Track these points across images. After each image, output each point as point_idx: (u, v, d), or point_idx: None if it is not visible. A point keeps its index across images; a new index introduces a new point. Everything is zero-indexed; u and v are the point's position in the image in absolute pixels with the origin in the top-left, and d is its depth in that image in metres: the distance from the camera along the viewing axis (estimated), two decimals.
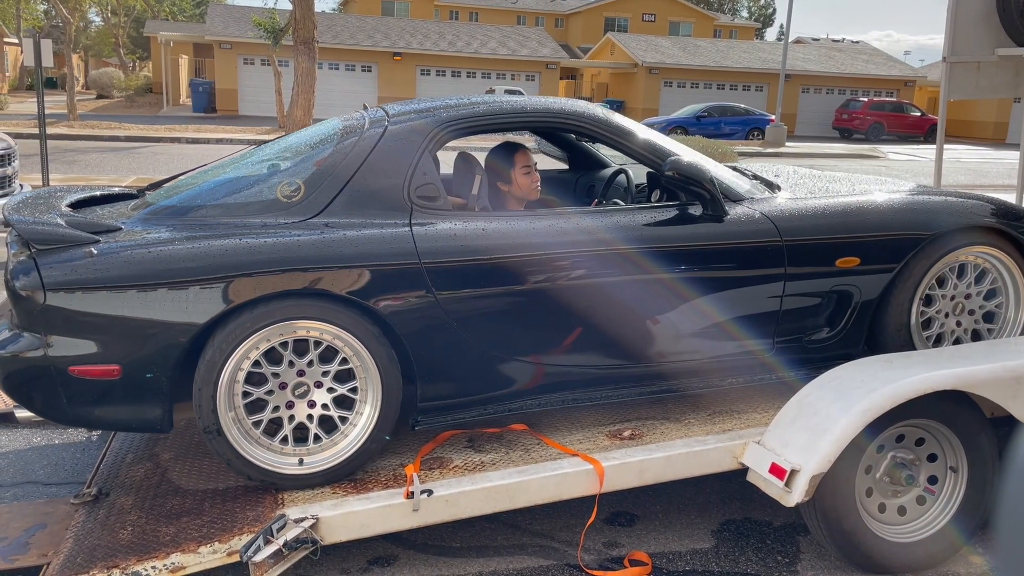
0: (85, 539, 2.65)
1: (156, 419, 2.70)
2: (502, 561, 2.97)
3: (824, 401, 2.81)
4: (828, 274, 3.20)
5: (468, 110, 3.11)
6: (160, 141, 18.68)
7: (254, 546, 2.49)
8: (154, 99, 35.28)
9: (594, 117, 3.21)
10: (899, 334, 3.30)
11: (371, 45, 32.80)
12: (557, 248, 2.91)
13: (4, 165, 6.57)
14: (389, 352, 2.76)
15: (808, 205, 3.25)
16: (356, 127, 3.07)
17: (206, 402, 2.64)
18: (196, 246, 2.65)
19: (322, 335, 2.71)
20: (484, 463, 2.87)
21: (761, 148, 24.33)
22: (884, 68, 38.75)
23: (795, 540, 3.15)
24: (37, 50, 10.29)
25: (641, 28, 46.42)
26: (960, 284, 3.39)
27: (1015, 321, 3.50)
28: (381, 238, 2.78)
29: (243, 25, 29.35)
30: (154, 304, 2.59)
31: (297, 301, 2.67)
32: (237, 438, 2.69)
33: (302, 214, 2.82)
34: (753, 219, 3.14)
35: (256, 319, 2.63)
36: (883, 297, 3.28)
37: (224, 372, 2.64)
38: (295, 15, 16.92)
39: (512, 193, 3.43)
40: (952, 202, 3.37)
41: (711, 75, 36.51)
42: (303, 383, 2.75)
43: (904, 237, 3.24)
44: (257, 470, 2.73)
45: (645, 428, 3.11)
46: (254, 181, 3.07)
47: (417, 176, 2.92)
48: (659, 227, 3.04)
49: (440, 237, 2.83)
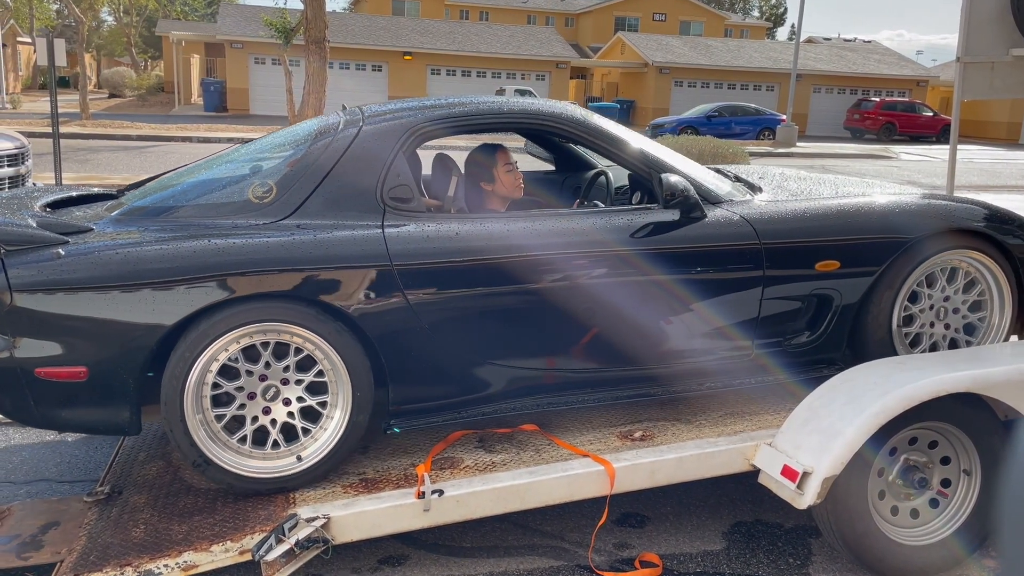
0: (98, 537, 2.67)
1: (124, 421, 2.69)
2: (513, 561, 2.97)
3: (836, 403, 2.80)
4: (807, 277, 3.17)
5: (444, 111, 3.09)
6: (172, 140, 18.76)
7: (266, 545, 2.50)
8: (166, 98, 35.43)
9: (572, 119, 3.17)
10: (880, 338, 3.26)
11: (381, 45, 32.85)
12: (531, 251, 2.88)
13: (17, 164, 6.61)
14: (360, 355, 2.74)
15: (787, 208, 3.22)
16: (331, 128, 3.05)
17: (174, 405, 2.62)
18: (163, 248, 2.63)
19: (292, 338, 2.69)
20: (495, 463, 2.87)
21: (772, 148, 24.25)
22: (896, 68, 38.56)
23: (807, 542, 3.14)
24: (50, 49, 10.34)
25: (652, 28, 46.30)
26: (943, 288, 3.34)
27: (999, 327, 3.44)
28: (352, 240, 2.75)
29: (254, 25, 29.43)
30: (121, 306, 2.58)
31: (266, 304, 2.65)
32: (204, 440, 2.68)
33: (273, 215, 2.80)
34: (731, 222, 3.10)
35: (225, 321, 2.62)
36: (864, 300, 3.24)
37: (192, 374, 2.62)
38: (306, 15, 16.95)
39: (496, 192, 3.40)
40: (935, 205, 3.32)
41: (722, 75, 36.40)
42: (272, 386, 2.73)
43: (885, 240, 3.19)
44: (221, 471, 2.71)
45: (656, 429, 3.11)
46: (228, 182, 3.06)
47: (391, 177, 2.89)
48: (635, 229, 3.01)
49: (412, 239, 2.80)
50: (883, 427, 2.69)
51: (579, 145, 3.37)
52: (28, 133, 12.65)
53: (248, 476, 2.73)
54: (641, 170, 3.17)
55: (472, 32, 36.41)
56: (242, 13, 33.86)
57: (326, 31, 16.95)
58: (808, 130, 35.57)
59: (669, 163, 3.20)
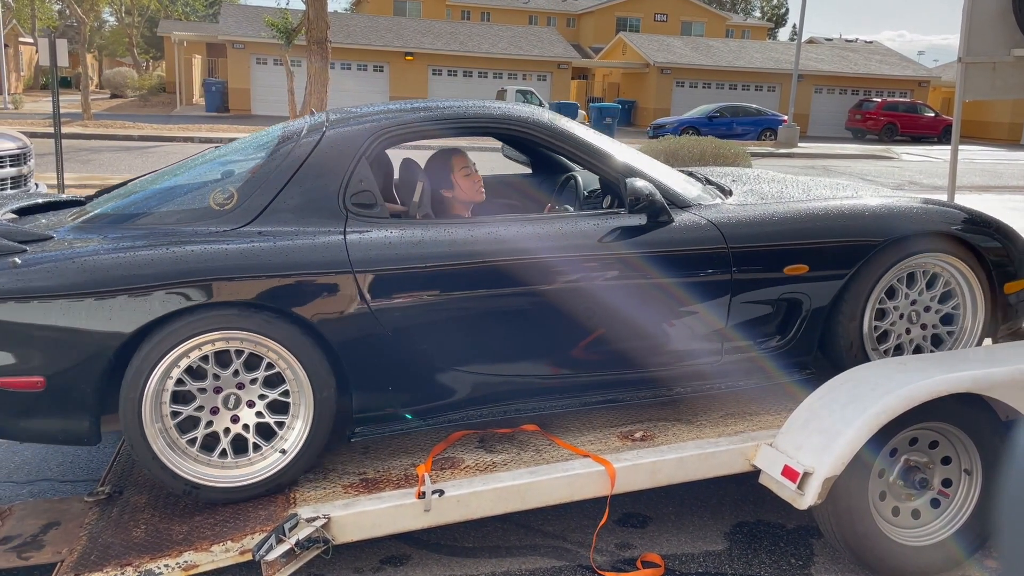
0: (99, 537, 2.67)
1: (83, 431, 2.68)
2: (514, 562, 2.97)
3: (837, 404, 2.80)
4: (776, 281, 3.14)
5: (407, 116, 3.07)
6: (173, 140, 18.77)
7: (266, 545, 2.50)
8: (167, 98, 35.46)
9: (537, 123, 3.14)
10: (851, 342, 3.24)
11: (383, 45, 32.86)
12: (494, 256, 2.86)
13: (19, 164, 6.61)
14: (322, 363, 2.72)
15: (755, 211, 3.20)
16: (294, 134, 3.04)
17: (131, 413, 2.61)
18: (120, 256, 2.62)
19: (256, 347, 2.68)
20: (495, 463, 2.87)
21: (773, 149, 24.24)
22: (898, 68, 38.53)
23: (808, 543, 3.14)
24: (52, 50, 10.35)
25: (653, 28, 46.31)
26: (912, 292, 3.31)
27: (972, 330, 3.41)
28: (312, 247, 2.73)
29: (256, 25, 29.45)
30: (78, 315, 2.56)
31: (225, 312, 2.63)
32: (163, 449, 2.66)
33: (234, 222, 2.78)
34: (698, 226, 3.08)
35: (183, 330, 2.60)
36: (835, 304, 3.21)
37: (150, 384, 2.60)
38: (308, 15, 16.96)
39: (457, 198, 3.38)
40: (906, 208, 3.30)
41: (723, 75, 36.40)
42: (231, 396, 2.71)
43: (855, 244, 3.17)
44: (181, 481, 2.69)
45: (657, 430, 3.11)
46: (191, 189, 3.05)
47: (353, 183, 2.87)
48: (601, 234, 2.99)
49: (374, 245, 2.78)
50: (884, 427, 2.69)
51: (546, 150, 3.34)
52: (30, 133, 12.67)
53: (204, 484, 2.71)
54: (608, 174, 3.15)
55: (474, 32, 36.42)
56: (244, 13, 33.88)
57: (328, 31, 16.96)
58: (809, 131, 35.55)
59: (636, 167, 3.17)
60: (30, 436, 2.71)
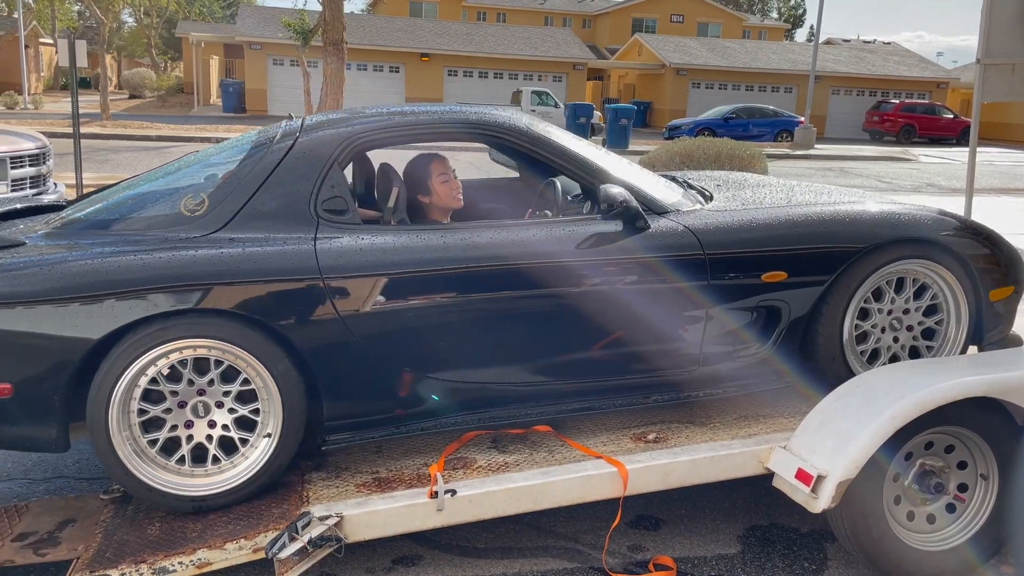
0: (114, 534, 2.69)
1: (51, 439, 2.67)
2: (526, 563, 2.97)
3: (852, 407, 2.78)
4: (754, 288, 3.10)
5: (382, 121, 3.05)
6: (191, 141, 18.89)
7: (279, 543, 2.51)
8: (185, 99, 35.71)
9: (514, 128, 3.11)
10: (831, 349, 3.19)
11: (399, 46, 32.96)
12: (466, 263, 2.84)
13: (39, 164, 6.67)
14: (291, 371, 2.71)
15: (733, 217, 3.16)
16: (267, 139, 3.03)
17: (99, 421, 2.60)
18: (88, 262, 2.61)
19: (224, 355, 2.66)
20: (508, 464, 2.87)
21: (790, 150, 24.12)
22: (916, 70, 38.24)
23: (822, 547, 3.12)
24: (72, 50, 10.45)
25: (669, 29, 46.21)
26: (898, 299, 3.26)
27: (955, 339, 3.35)
28: (281, 254, 2.71)
29: (273, 26, 29.62)
30: (45, 321, 2.56)
31: (192, 319, 2.62)
32: (129, 456, 2.65)
33: (205, 228, 2.77)
34: (675, 232, 3.04)
35: (150, 337, 2.59)
36: (814, 312, 3.17)
37: (117, 392, 2.60)
38: (324, 16, 17.03)
39: (434, 204, 3.34)
40: (888, 214, 3.24)
41: (740, 76, 36.26)
42: (200, 404, 2.70)
43: (834, 250, 3.13)
44: (148, 489, 2.69)
45: (670, 431, 3.10)
46: (165, 194, 3.04)
47: (324, 190, 2.85)
48: (577, 240, 2.96)
49: (344, 252, 2.76)
50: (899, 431, 2.67)
51: (523, 156, 3.31)
52: (49, 133, 12.77)
53: (168, 492, 2.71)
54: (584, 180, 3.13)
55: (489, 33, 36.46)
56: (261, 15, 34.09)
57: (344, 32, 17.02)
58: (826, 132, 35.34)
59: (612, 173, 3.15)
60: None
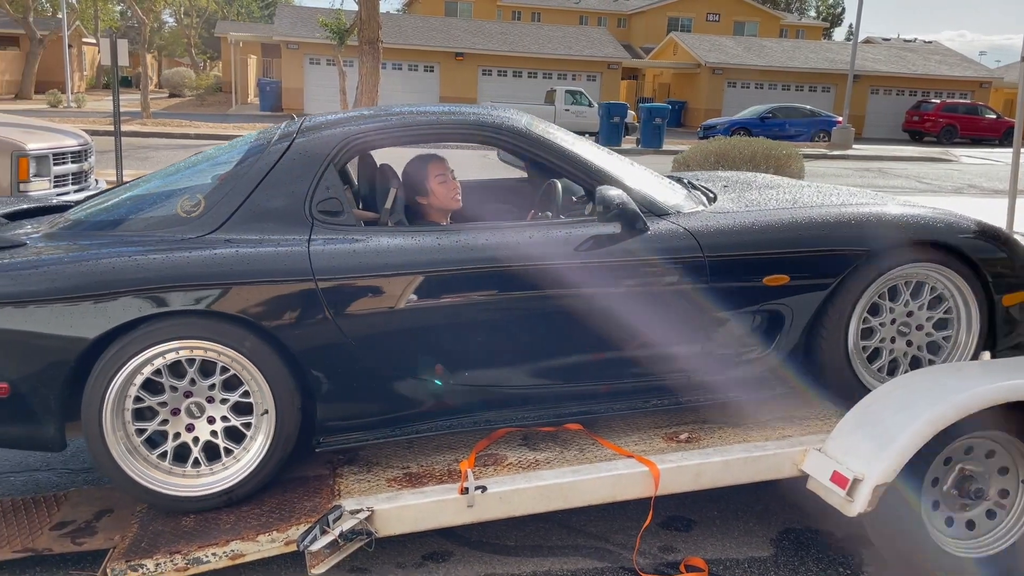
0: (149, 525, 2.73)
1: (47, 438, 2.70)
2: (556, 561, 2.96)
3: (890, 410, 2.73)
4: (755, 291, 3.03)
5: (379, 123, 3.04)
6: (228, 139, 19.13)
7: (311, 536, 2.53)
8: (223, 98, 36.20)
9: (512, 129, 3.08)
10: (836, 354, 3.11)
11: (433, 45, 33.09)
12: (461, 265, 2.81)
13: (80, 161, 6.80)
14: (284, 373, 2.71)
15: (735, 219, 3.10)
16: (266, 141, 3.04)
17: (93, 420, 2.63)
18: (84, 263, 2.64)
19: (219, 356, 2.67)
20: (539, 461, 2.86)
21: (827, 150, 23.79)
22: (958, 69, 37.52)
23: (858, 552, 3.07)
24: (113, 50, 10.64)
25: (705, 28, 45.81)
26: (904, 304, 3.17)
27: (965, 345, 3.25)
28: (275, 255, 2.71)
29: (310, 26, 29.91)
30: (41, 321, 2.59)
31: (185, 320, 2.63)
32: (123, 455, 2.68)
33: (200, 230, 2.79)
34: (675, 235, 2.99)
35: (144, 338, 2.60)
36: (818, 316, 3.10)
37: (111, 391, 2.62)
38: (360, 16, 17.15)
39: (432, 205, 3.33)
40: (895, 216, 3.15)
41: (776, 75, 35.85)
42: (195, 404, 2.72)
43: (838, 253, 3.05)
44: (141, 489, 2.71)
45: (703, 432, 3.07)
46: (165, 196, 3.06)
47: (320, 191, 2.85)
48: (575, 242, 2.92)
49: (337, 254, 2.75)
50: (938, 435, 2.61)
51: (523, 157, 3.28)
52: (91, 131, 13.01)
53: (163, 493, 2.73)
54: (584, 182, 3.10)
55: (524, 33, 36.45)
56: (298, 15, 34.44)
57: (380, 32, 17.12)
58: (865, 132, 34.82)
59: (611, 174, 3.11)
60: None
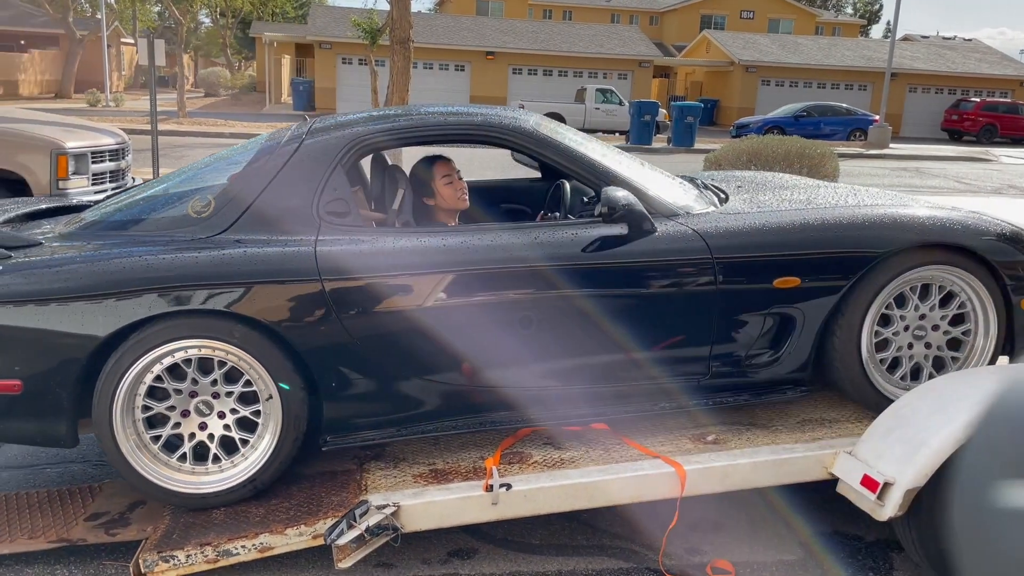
0: (181, 517, 2.78)
1: (60, 435, 2.75)
2: (581, 561, 2.95)
3: (922, 413, 2.69)
4: (765, 294, 2.99)
5: (386, 124, 3.05)
6: None
7: (338, 530, 2.56)
8: (258, 97, 36.62)
9: (519, 130, 3.07)
10: (849, 358, 3.05)
11: (465, 45, 33.16)
12: (466, 266, 2.81)
13: (118, 159, 6.92)
14: (290, 373, 2.73)
15: (744, 221, 3.05)
16: (275, 142, 3.06)
17: (103, 418, 2.67)
18: (96, 263, 2.68)
19: (227, 356, 2.70)
20: (564, 460, 2.86)
21: (863, 149, 23.47)
22: (998, 67, 36.79)
23: (888, 557, 3.02)
24: (151, 50, 10.80)
25: (738, 26, 45.41)
26: (920, 307, 3.11)
27: (984, 349, 3.18)
28: (281, 256, 2.74)
29: (343, 26, 30.12)
30: (55, 319, 2.63)
31: (194, 319, 2.66)
32: (132, 451, 2.72)
33: (210, 230, 2.83)
34: (684, 236, 2.96)
35: (153, 336, 2.64)
36: (830, 320, 3.04)
37: (121, 389, 2.66)
38: (392, 15, 17.23)
39: (439, 206, 3.33)
40: (910, 217, 3.08)
41: (811, 73, 35.42)
42: (203, 404, 2.75)
43: (851, 255, 2.99)
44: (147, 483, 2.75)
45: (730, 433, 3.04)
46: (178, 196, 3.09)
47: (327, 192, 2.87)
48: (581, 244, 2.90)
49: (344, 255, 2.77)
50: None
51: (530, 158, 3.26)
52: (129, 130, 13.22)
53: (172, 490, 2.77)
54: (592, 183, 3.07)
55: (555, 31, 36.39)
56: (331, 15, 34.70)
57: (411, 31, 17.19)
58: (902, 131, 34.28)
59: (621, 175, 3.08)
60: (8, 437, 2.81)
